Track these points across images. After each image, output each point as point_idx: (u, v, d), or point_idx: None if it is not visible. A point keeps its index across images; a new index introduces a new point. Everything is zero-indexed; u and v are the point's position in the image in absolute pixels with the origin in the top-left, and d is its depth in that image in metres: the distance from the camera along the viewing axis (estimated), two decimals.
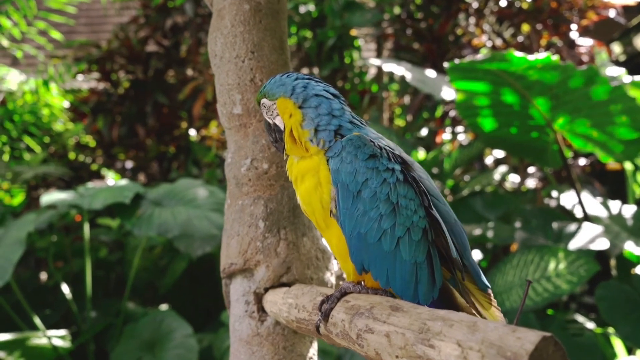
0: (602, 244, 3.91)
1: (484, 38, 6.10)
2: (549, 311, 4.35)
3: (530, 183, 5.92)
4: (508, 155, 5.68)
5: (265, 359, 1.63)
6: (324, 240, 1.78)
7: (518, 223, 4.46)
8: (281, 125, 1.39)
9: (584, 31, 6.01)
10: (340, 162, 1.27)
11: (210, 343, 3.91)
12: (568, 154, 4.38)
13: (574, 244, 3.99)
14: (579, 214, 4.57)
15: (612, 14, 5.81)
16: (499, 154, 6.08)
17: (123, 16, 7.98)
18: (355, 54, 6.68)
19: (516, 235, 4.26)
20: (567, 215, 4.71)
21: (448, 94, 4.37)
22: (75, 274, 5.06)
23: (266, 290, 1.68)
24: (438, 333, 0.98)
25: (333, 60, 6.43)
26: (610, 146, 4.19)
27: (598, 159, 5.51)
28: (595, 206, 4.59)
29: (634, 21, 7.01)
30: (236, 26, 1.70)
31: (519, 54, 3.49)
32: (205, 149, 6.23)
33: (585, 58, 5.68)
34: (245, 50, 1.70)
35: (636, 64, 6.38)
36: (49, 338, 4.02)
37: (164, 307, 5.06)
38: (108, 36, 8.53)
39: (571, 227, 4.21)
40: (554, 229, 4.26)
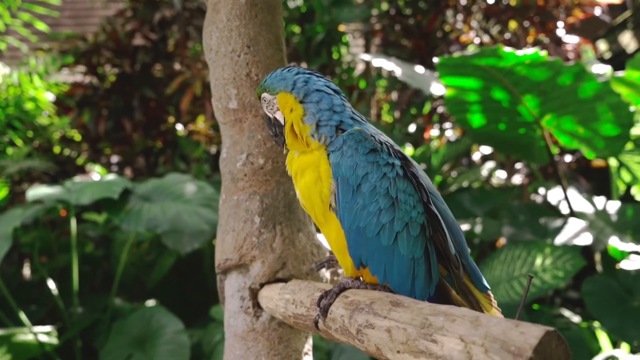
0: (588, 240, 3.96)
1: (471, 35, 6.13)
2: (535, 306, 4.40)
3: (517, 179, 5.97)
4: (495, 151, 5.73)
5: (261, 355, 1.63)
6: (321, 235, 1.78)
7: (505, 219, 4.50)
8: (281, 120, 1.38)
9: (570, 29, 6.07)
10: (341, 156, 1.27)
11: (200, 339, 3.89)
12: (555, 151, 4.42)
13: (560, 240, 4.03)
14: (565, 210, 4.63)
15: (598, 12, 5.86)
16: (486, 150, 6.13)
17: (109, 9, 7.90)
18: (343, 49, 6.68)
19: (504, 231, 4.30)
20: (553, 211, 4.76)
21: (437, 89, 4.38)
22: (61, 269, 5.01)
23: (261, 285, 1.67)
24: (440, 328, 0.98)
25: (321, 55, 6.42)
26: (595, 143, 4.23)
27: (583, 155, 5.58)
28: (580, 202, 4.65)
29: (619, 19, 7.09)
30: (232, 20, 1.69)
31: (508, 49, 3.52)
32: (193, 143, 6.19)
33: (572, 55, 5.74)
34: (241, 45, 1.69)
35: (621, 61, 6.45)
36: (35, 334, 3.97)
37: (151, 303, 5.03)
38: (93, 29, 8.43)
39: (557, 223, 4.26)
40: (541, 225, 4.30)
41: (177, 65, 6.58)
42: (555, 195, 4.74)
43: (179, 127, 6.50)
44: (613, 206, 4.68)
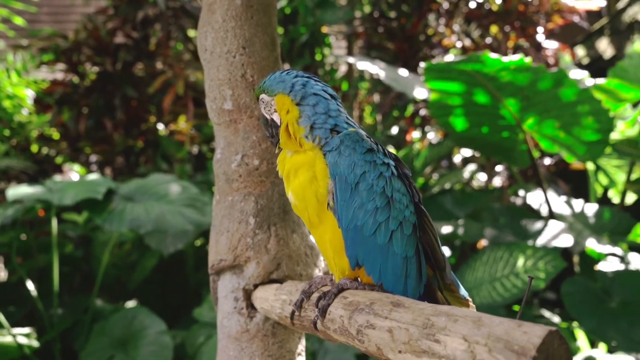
0: (568, 241, 4.03)
1: (453, 38, 6.20)
2: (515, 307, 4.46)
3: (497, 181, 6.06)
4: (476, 154, 5.80)
5: (255, 355, 1.63)
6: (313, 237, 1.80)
7: (487, 221, 4.56)
8: (278, 121, 1.39)
9: (550, 34, 6.18)
10: (338, 155, 1.30)
11: (183, 340, 3.87)
12: (536, 154, 4.50)
13: (541, 241, 4.10)
14: (545, 212, 4.71)
15: (577, 18, 5.98)
16: (466, 152, 6.20)
17: (89, 6, 7.80)
18: (326, 51, 6.70)
19: (485, 233, 4.36)
20: (533, 213, 4.84)
21: (420, 92, 4.42)
22: (40, 269, 4.93)
23: (255, 286, 1.68)
24: (443, 328, 1.00)
25: (304, 57, 6.43)
26: (575, 147, 4.32)
27: (562, 158, 5.68)
28: (559, 205, 4.73)
29: (596, 26, 7.24)
30: (228, 21, 1.69)
31: (494, 55, 3.57)
32: (175, 143, 6.15)
33: (551, 60, 5.84)
34: (236, 46, 1.69)
35: (598, 67, 6.58)
36: (14, 336, 3.91)
37: (131, 304, 4.98)
38: (72, 26, 8.31)
39: (538, 225, 4.34)
40: (522, 227, 4.37)
41: (159, 64, 6.53)
42: (535, 198, 4.82)
43: (160, 127, 6.45)
44: (591, 209, 4.77)
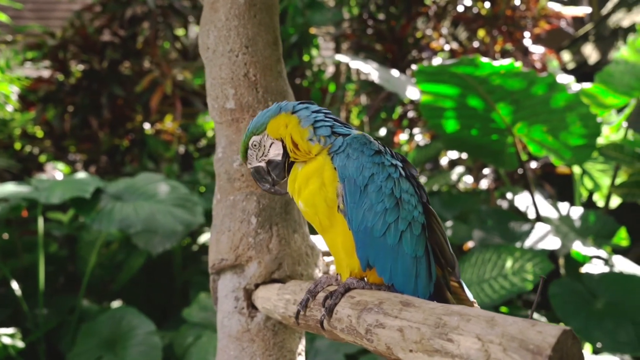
0: (556, 244, 4.09)
1: (441, 41, 6.24)
2: (503, 308, 4.50)
3: (483, 184, 6.11)
4: (462, 156, 5.84)
5: (256, 355, 1.63)
6: (322, 240, 1.80)
7: (475, 223, 4.60)
8: (278, 153, 1.40)
9: (537, 39, 6.25)
10: (346, 158, 1.31)
11: (171, 340, 3.84)
12: (524, 158, 4.55)
13: (528, 244, 4.15)
14: (532, 215, 4.76)
15: (563, 24, 6.06)
16: (453, 155, 6.25)
17: (75, 3, 7.71)
18: (314, 51, 6.71)
19: (473, 235, 4.40)
20: (520, 215, 4.89)
21: (412, 93, 4.45)
22: (24, 269, 4.85)
23: (256, 286, 1.67)
24: (455, 327, 1.01)
25: (293, 57, 6.43)
26: (563, 151, 4.37)
27: (548, 162, 5.75)
28: (546, 207, 4.79)
29: (581, 31, 7.35)
30: (230, 20, 1.69)
31: (485, 59, 3.61)
32: (162, 143, 6.10)
33: (538, 65, 5.91)
34: (239, 45, 1.68)
35: (583, 72, 6.68)
36: None
37: (116, 304, 4.93)
38: (56, 23, 8.22)
39: (525, 227, 4.38)
40: (509, 229, 4.42)
41: (146, 63, 6.47)
42: (522, 200, 4.87)
43: (147, 126, 6.40)
44: (576, 212, 4.84)
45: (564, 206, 4.91)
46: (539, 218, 4.56)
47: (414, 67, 3.88)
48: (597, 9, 7.64)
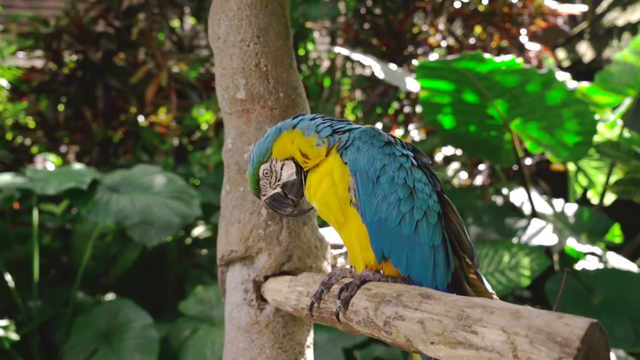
0: (552, 240, 4.11)
1: (438, 37, 6.25)
2: None
3: (478, 180, 6.13)
4: (460, 152, 5.85)
5: (265, 347, 1.62)
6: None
7: (470, 219, 4.61)
8: (291, 172, 1.40)
9: (533, 36, 6.27)
10: (357, 152, 1.31)
11: (167, 334, 3.81)
12: (521, 154, 4.57)
13: (524, 239, 4.17)
14: (527, 211, 4.78)
15: (560, 21, 6.08)
16: (448, 150, 6.26)
17: None
18: (310, 46, 6.69)
19: (470, 231, 4.41)
20: (515, 211, 4.92)
21: (413, 85, 4.45)
22: (17, 261, 4.80)
23: (266, 278, 1.66)
24: (479, 320, 1.00)
25: None
26: (559, 148, 4.39)
27: (542, 159, 5.78)
28: (541, 204, 4.82)
29: (576, 29, 7.38)
30: (242, 9, 1.67)
31: (487, 55, 3.61)
32: (157, 135, 6.06)
33: (534, 62, 5.93)
34: (251, 35, 1.67)
35: (578, 70, 6.72)
36: None
37: (110, 297, 4.90)
38: (48, 12, 8.11)
39: (522, 223, 4.41)
40: (506, 225, 4.44)
41: (141, 54, 6.41)
42: (518, 196, 4.89)
43: (141, 119, 6.34)
44: (571, 209, 4.87)
45: (558, 203, 4.94)
46: (535, 214, 4.59)
47: (414, 62, 3.87)
48: (592, 7, 7.68)
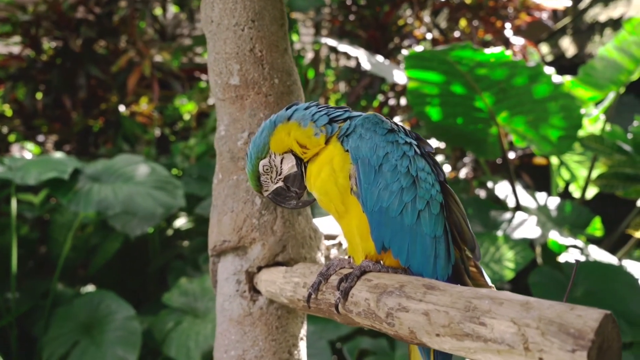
0: (534, 233, 4.13)
1: (422, 29, 6.23)
2: None
3: (462, 173, 6.15)
4: (446, 144, 5.86)
5: (258, 340, 1.58)
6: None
7: None
8: (291, 165, 1.37)
9: (517, 31, 6.29)
10: (359, 139, 1.28)
11: (150, 326, 3.75)
12: (507, 147, 4.59)
13: (508, 232, 4.18)
14: (511, 204, 4.81)
15: (544, 16, 6.11)
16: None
17: None
18: (294, 37, 6.63)
19: None
20: (499, 204, 4.94)
21: (400, 77, 4.43)
22: None
23: (259, 269, 1.62)
24: (487, 311, 0.98)
25: None
26: (544, 141, 4.41)
27: (525, 152, 5.82)
28: (524, 197, 4.85)
29: (559, 24, 7.43)
30: None
31: (476, 47, 3.60)
32: (138, 125, 5.95)
33: (519, 57, 5.94)
34: (245, 19, 1.62)
35: (561, 65, 6.76)
36: None
37: (90, 288, 4.80)
38: None
39: (506, 216, 4.42)
40: (490, 218, 4.45)
41: (123, 42, 6.28)
42: (502, 190, 4.91)
43: (122, 108, 6.22)
44: (553, 202, 4.91)
45: (541, 196, 4.98)
46: (519, 207, 4.61)
47: (404, 52, 3.85)
48: (575, 3, 7.73)
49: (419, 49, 5.97)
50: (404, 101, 6.08)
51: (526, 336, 0.91)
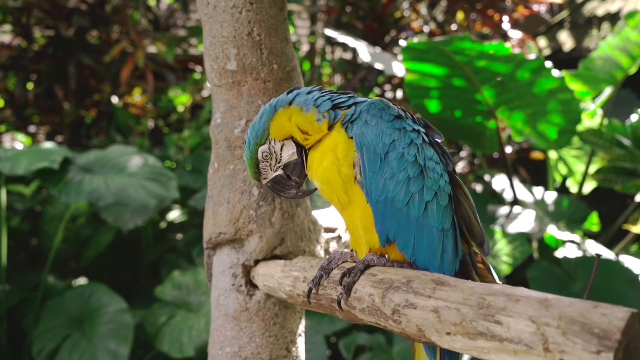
0: (532, 227, 4.09)
1: (419, 22, 6.17)
2: None
3: (458, 167, 6.10)
4: (445, 138, 5.81)
5: (255, 336, 1.52)
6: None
7: None
8: (292, 152, 1.31)
9: (514, 24, 6.23)
10: (364, 125, 1.21)
11: (142, 319, 3.68)
12: (505, 140, 4.54)
13: (506, 227, 4.14)
14: (509, 198, 4.76)
15: (543, 9, 6.05)
16: None
17: None
18: (290, 29, 6.55)
19: None
20: (495, 198, 4.89)
21: (399, 69, 4.36)
22: None
23: (256, 262, 1.55)
24: (503, 309, 0.92)
25: None
26: (543, 136, 4.37)
27: (522, 147, 5.77)
28: (522, 191, 4.80)
29: (557, 18, 7.38)
30: None
31: (475, 39, 3.53)
32: (131, 116, 5.86)
33: (517, 50, 5.89)
34: (243, 0, 1.54)
35: (558, 59, 6.72)
36: None
37: (82, 281, 4.72)
38: None
39: (503, 211, 4.38)
40: (488, 212, 4.40)
41: (115, 32, 6.17)
42: (499, 183, 4.87)
43: (115, 99, 6.12)
44: (550, 197, 4.87)
45: (538, 191, 4.93)
46: (517, 201, 4.57)
47: (402, 43, 3.78)
48: None
49: (416, 41, 5.92)
50: (400, 94, 6.02)
51: (546, 336, 0.85)
